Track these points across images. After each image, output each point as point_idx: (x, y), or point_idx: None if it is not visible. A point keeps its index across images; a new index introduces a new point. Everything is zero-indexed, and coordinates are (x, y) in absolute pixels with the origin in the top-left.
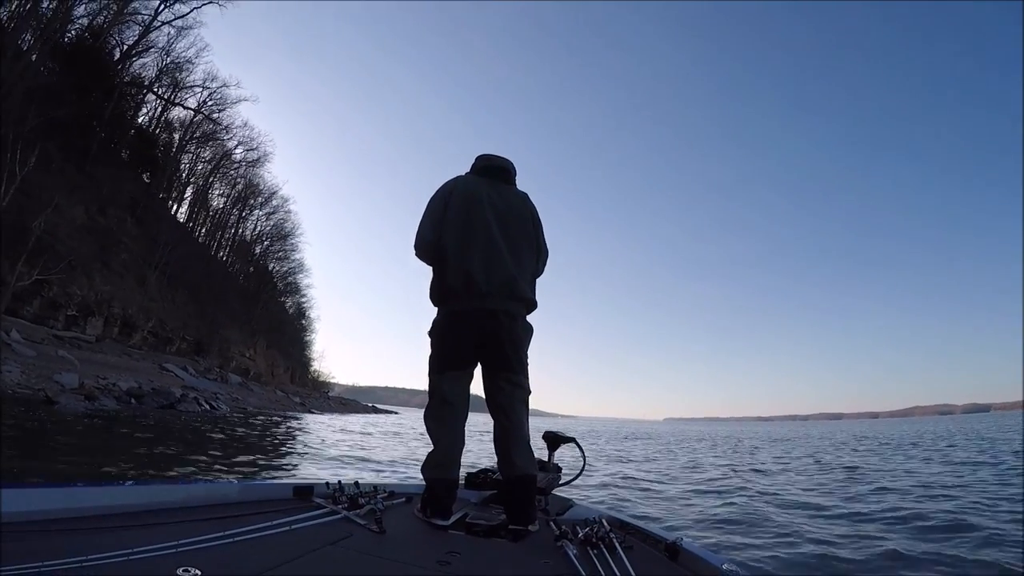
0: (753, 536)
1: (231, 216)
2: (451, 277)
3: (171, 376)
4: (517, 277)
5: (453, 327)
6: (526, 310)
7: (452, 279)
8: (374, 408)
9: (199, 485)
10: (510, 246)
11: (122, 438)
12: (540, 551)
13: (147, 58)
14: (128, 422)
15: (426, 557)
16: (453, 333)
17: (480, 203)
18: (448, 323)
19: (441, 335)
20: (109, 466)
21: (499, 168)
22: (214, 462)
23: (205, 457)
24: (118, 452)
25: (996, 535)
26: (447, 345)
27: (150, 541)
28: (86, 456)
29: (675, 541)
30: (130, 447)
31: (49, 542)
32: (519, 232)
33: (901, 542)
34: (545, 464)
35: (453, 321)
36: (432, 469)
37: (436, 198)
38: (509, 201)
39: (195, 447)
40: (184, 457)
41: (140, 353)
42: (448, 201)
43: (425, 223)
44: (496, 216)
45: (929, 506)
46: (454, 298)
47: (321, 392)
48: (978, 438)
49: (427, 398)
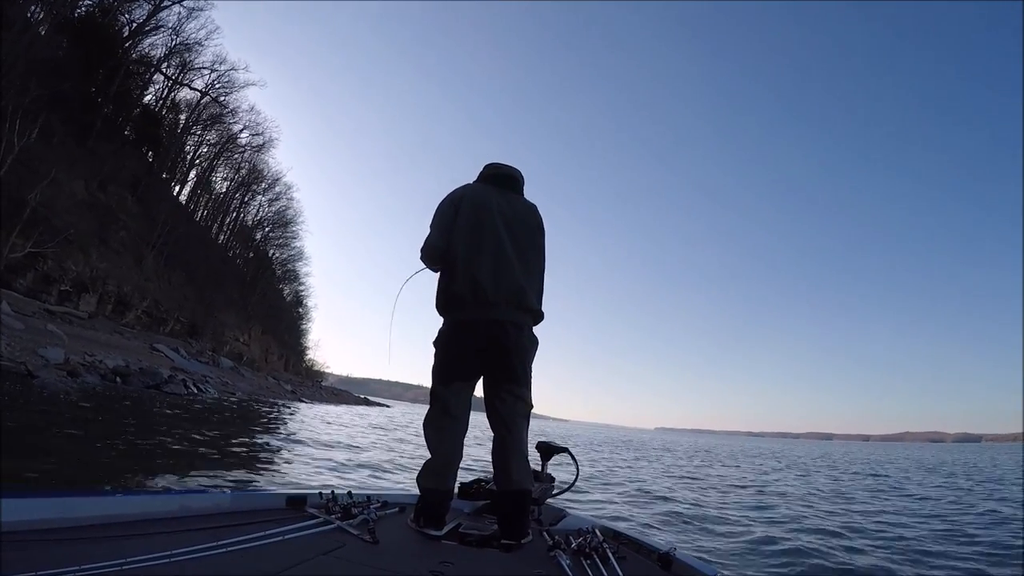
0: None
1: (233, 200)
2: (459, 285)
3: (161, 356)
4: (526, 287)
5: (459, 337)
6: (533, 321)
7: (460, 287)
8: (366, 400)
9: (193, 495)
10: (519, 255)
11: (72, 421)
12: (533, 561)
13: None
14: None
15: (419, 567)
16: (460, 344)
17: (490, 211)
18: (454, 333)
19: (447, 345)
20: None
21: (508, 177)
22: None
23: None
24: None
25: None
26: (453, 356)
27: (145, 551)
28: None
29: (668, 551)
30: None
31: (44, 551)
32: (528, 242)
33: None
34: (538, 474)
35: (460, 331)
36: (428, 479)
37: (446, 204)
38: (518, 210)
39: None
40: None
41: (132, 332)
42: (459, 207)
43: (435, 229)
44: (505, 225)
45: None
46: (461, 306)
47: (314, 381)
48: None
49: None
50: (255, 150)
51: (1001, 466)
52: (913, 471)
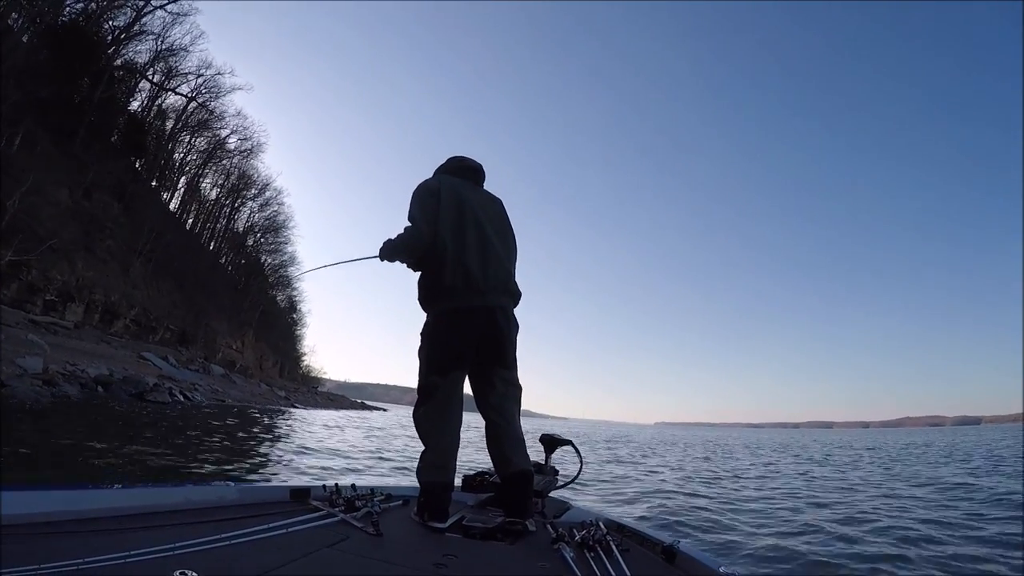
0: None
1: (223, 207)
2: (450, 275)
3: (148, 365)
4: (511, 272)
5: (455, 326)
6: (515, 304)
7: (452, 277)
8: (363, 404)
9: (196, 488)
10: (502, 243)
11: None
12: (537, 553)
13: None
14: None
15: (423, 560)
16: (456, 332)
17: (469, 202)
18: (449, 322)
19: (441, 334)
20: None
21: (474, 169)
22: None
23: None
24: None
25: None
26: (450, 344)
27: (148, 544)
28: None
29: (672, 544)
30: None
31: (47, 544)
32: (506, 230)
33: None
34: (542, 467)
35: (454, 320)
36: (430, 472)
37: (424, 194)
38: (491, 201)
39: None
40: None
41: (120, 341)
42: (439, 198)
43: (418, 217)
44: (485, 216)
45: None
46: (454, 296)
47: (309, 387)
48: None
49: (418, 396)
50: (244, 155)
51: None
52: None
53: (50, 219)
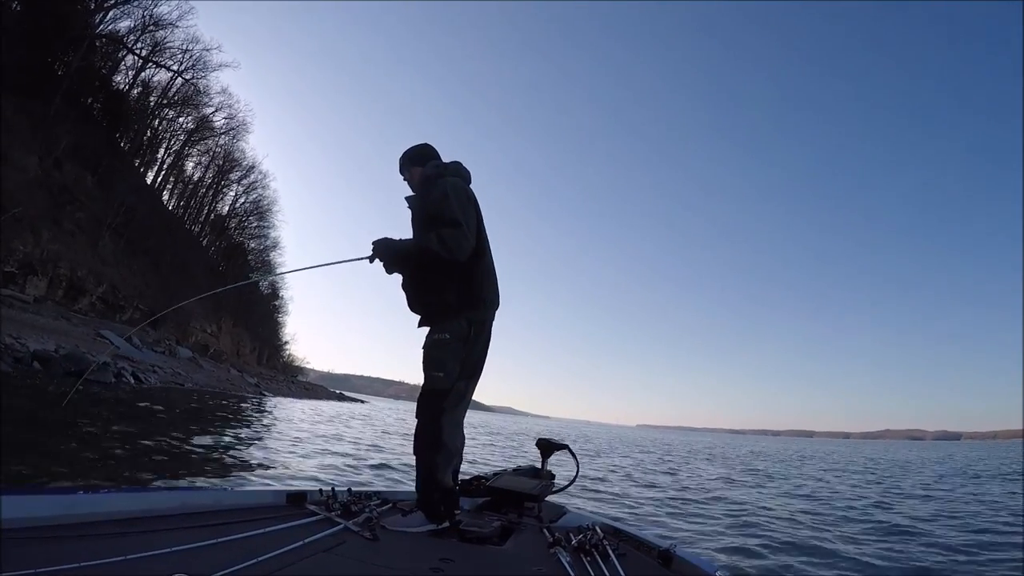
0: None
1: (206, 187)
2: (488, 287)
3: (105, 344)
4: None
5: (483, 336)
6: None
7: (489, 291)
8: (340, 395)
9: (194, 492)
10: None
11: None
12: (533, 558)
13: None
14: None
15: (419, 563)
16: (486, 341)
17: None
18: (483, 331)
19: (475, 342)
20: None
21: (470, 179)
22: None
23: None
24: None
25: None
26: (478, 352)
27: (146, 547)
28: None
29: (668, 548)
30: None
31: (45, 548)
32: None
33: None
34: (539, 471)
35: (485, 329)
36: (450, 473)
37: (464, 198)
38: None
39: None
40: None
41: (83, 319)
42: (476, 206)
43: (466, 225)
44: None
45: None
46: (489, 307)
47: (287, 376)
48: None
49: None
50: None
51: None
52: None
53: (16, 188)
